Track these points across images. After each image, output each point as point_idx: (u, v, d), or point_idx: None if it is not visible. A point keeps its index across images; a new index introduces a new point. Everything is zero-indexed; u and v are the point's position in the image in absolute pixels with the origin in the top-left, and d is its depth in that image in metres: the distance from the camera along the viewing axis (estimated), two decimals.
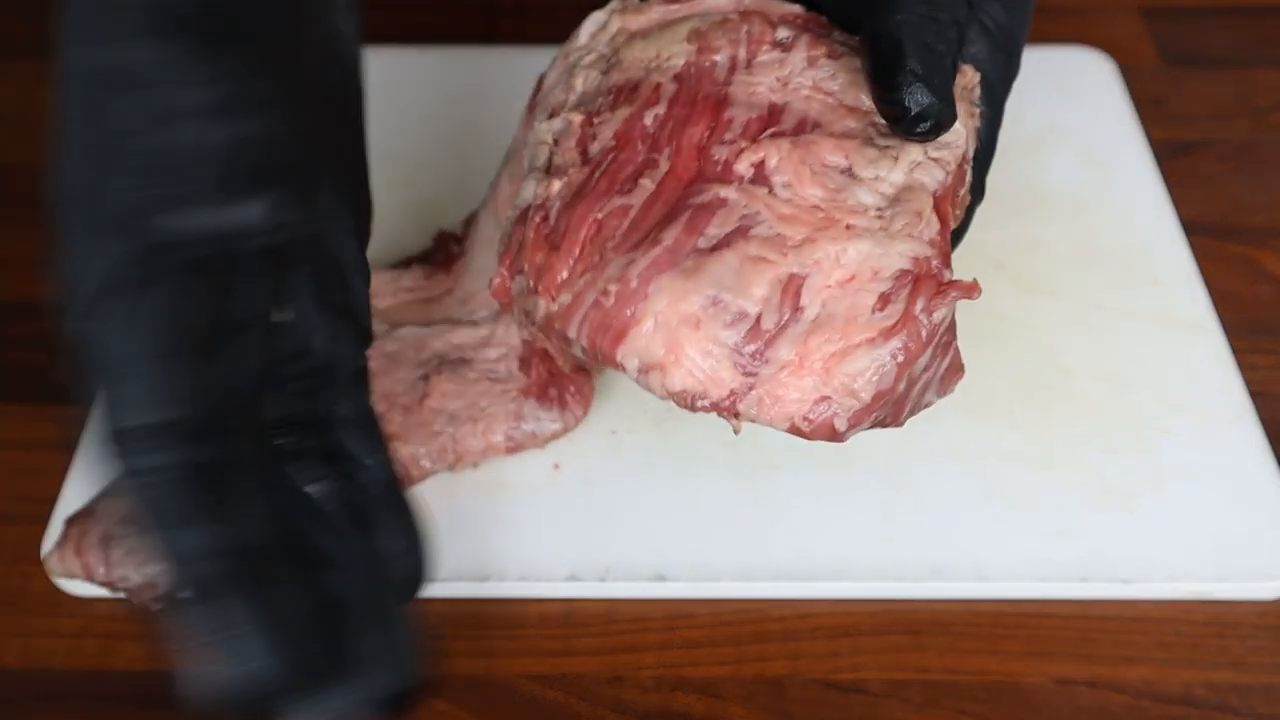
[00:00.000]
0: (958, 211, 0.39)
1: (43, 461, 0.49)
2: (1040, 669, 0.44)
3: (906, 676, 0.43)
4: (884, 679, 0.43)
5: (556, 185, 0.37)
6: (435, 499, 0.47)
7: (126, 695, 0.43)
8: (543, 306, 0.35)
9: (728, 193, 0.36)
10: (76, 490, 0.47)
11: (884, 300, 0.34)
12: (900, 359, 0.34)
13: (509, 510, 0.47)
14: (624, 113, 0.38)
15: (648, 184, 0.36)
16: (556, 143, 0.38)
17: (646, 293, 0.34)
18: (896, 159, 0.37)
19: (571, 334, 0.35)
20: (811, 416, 0.34)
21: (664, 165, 0.37)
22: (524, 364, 0.47)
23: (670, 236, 0.35)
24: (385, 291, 0.50)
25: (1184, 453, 0.48)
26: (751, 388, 0.34)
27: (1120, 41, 0.67)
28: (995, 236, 0.56)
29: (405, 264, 0.51)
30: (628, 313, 0.34)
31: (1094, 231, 0.57)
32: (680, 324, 0.34)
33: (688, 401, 0.34)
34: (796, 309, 0.34)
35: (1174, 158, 0.61)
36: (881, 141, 0.37)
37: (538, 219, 0.36)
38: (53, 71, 0.32)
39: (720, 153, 0.37)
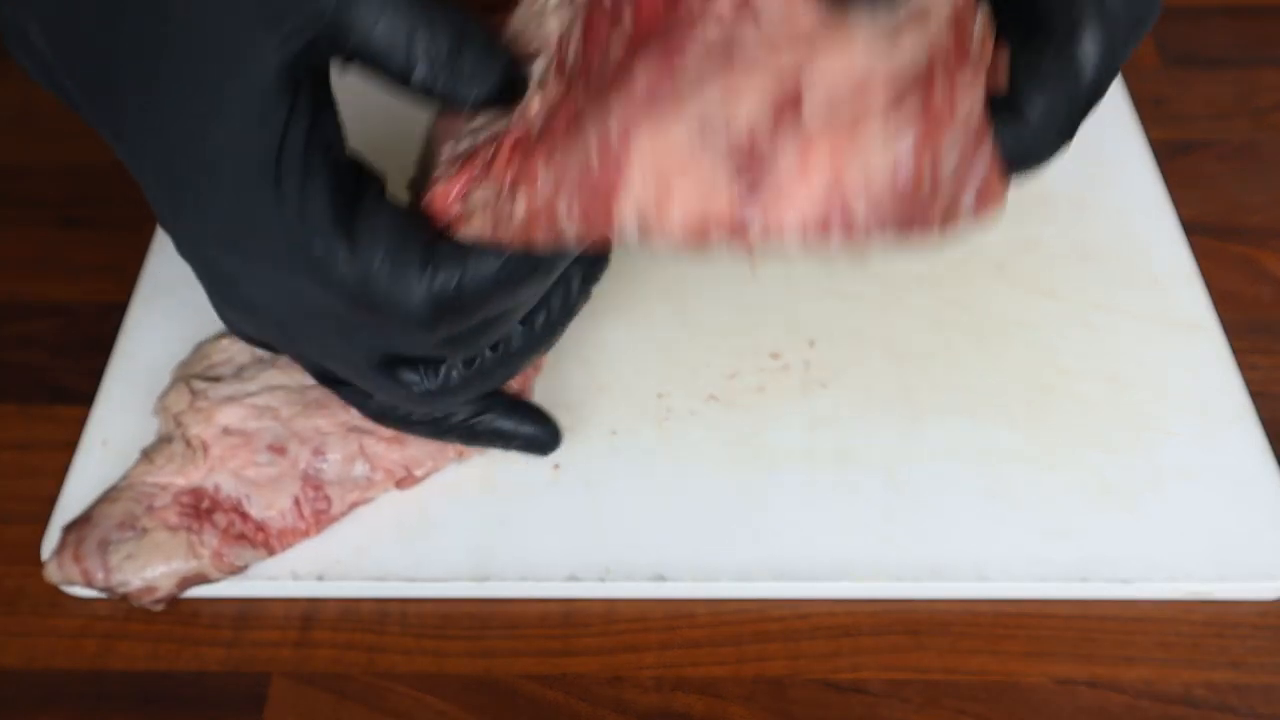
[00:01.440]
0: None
1: (43, 461, 0.49)
2: (1040, 669, 0.44)
3: (906, 676, 0.43)
4: (884, 679, 0.43)
5: (535, 104, 0.34)
6: (435, 499, 0.47)
7: (126, 695, 0.43)
8: (523, 202, 0.32)
9: (706, 22, 0.31)
10: (76, 491, 0.47)
11: (898, 97, 0.30)
12: (920, 146, 0.30)
13: (509, 510, 0.47)
14: (586, 12, 0.35)
15: (617, 40, 0.32)
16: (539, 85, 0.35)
17: (629, 142, 0.30)
18: None
19: (561, 213, 0.31)
20: (827, 219, 0.30)
21: (629, 20, 0.33)
22: None
23: (644, 75, 0.31)
24: None
25: (1184, 453, 0.48)
26: (755, 195, 0.30)
27: None
28: (995, 236, 0.56)
29: None
30: (613, 172, 0.30)
31: (1094, 231, 0.57)
32: (668, 160, 0.30)
33: (690, 235, 0.30)
34: (796, 121, 0.30)
35: (1174, 158, 0.61)
36: None
37: (516, 133, 0.33)
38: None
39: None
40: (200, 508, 0.45)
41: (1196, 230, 0.57)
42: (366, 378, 0.40)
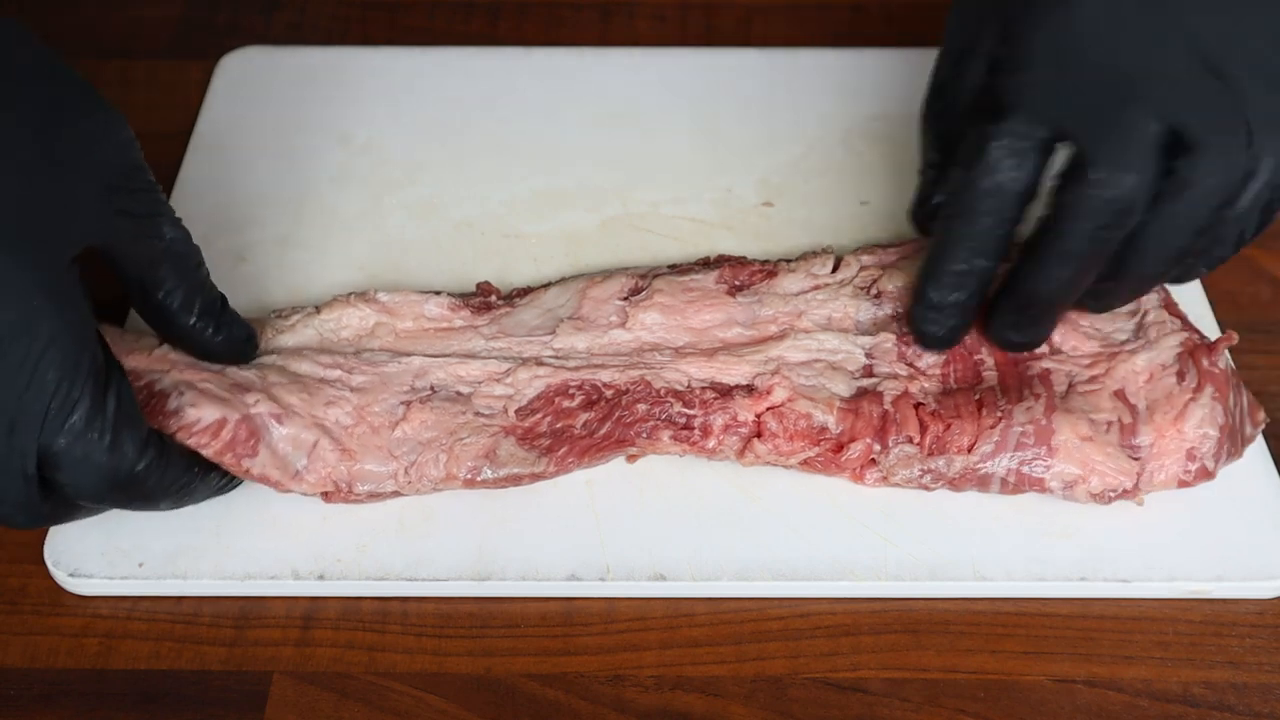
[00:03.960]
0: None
1: None
2: (1039, 668, 0.44)
3: (906, 675, 0.44)
4: (883, 678, 0.43)
5: (918, 383, 0.48)
6: (436, 499, 0.47)
7: (128, 694, 0.43)
8: (959, 462, 0.46)
9: (1044, 363, 0.48)
10: None
11: (1180, 375, 0.47)
12: (1217, 399, 0.46)
13: (509, 510, 0.47)
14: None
15: (989, 375, 0.48)
16: (868, 355, 0.49)
17: (1053, 427, 0.46)
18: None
19: (993, 470, 0.46)
20: (1190, 468, 0.46)
21: (989, 361, 0.49)
22: (523, 411, 0.47)
23: (1043, 392, 0.47)
24: (407, 314, 0.50)
25: None
26: (1142, 470, 0.46)
27: None
28: None
29: (433, 293, 0.51)
30: (1043, 447, 0.46)
31: None
32: (1083, 443, 0.45)
33: (1107, 498, 0.46)
34: (1132, 408, 0.47)
35: None
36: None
37: (912, 405, 0.47)
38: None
39: None
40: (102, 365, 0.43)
41: None
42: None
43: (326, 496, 0.46)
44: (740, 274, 0.51)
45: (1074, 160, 0.41)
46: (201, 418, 0.44)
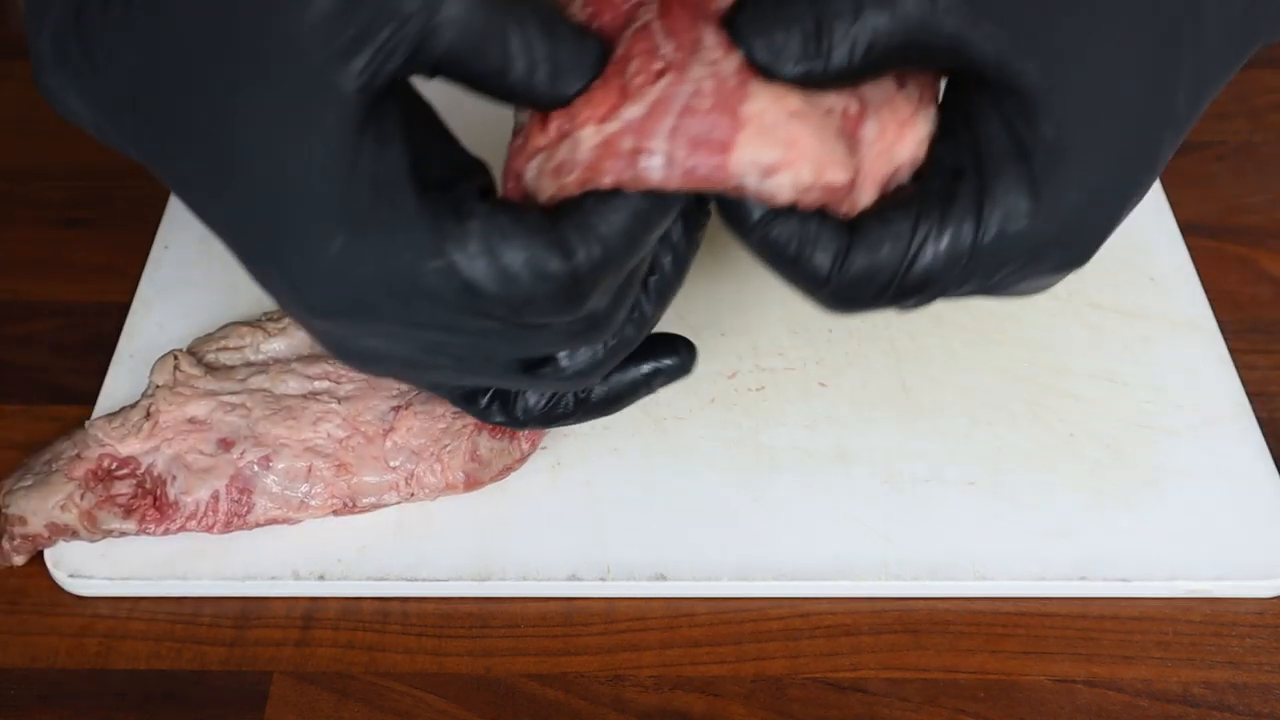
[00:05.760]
0: None
1: None
2: (1039, 668, 0.44)
3: (906, 675, 0.44)
4: (883, 678, 0.43)
5: None
6: (436, 499, 0.47)
7: (126, 695, 0.43)
8: (589, 136, 0.33)
9: None
10: None
11: (901, 79, 0.35)
12: (936, 120, 0.35)
13: (509, 510, 0.47)
14: None
15: (647, 7, 0.34)
16: None
17: (746, 90, 0.32)
18: None
19: (655, 145, 0.32)
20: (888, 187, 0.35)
21: None
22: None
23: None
24: None
25: (1183, 453, 0.49)
26: (859, 169, 0.34)
27: None
28: None
29: None
30: (728, 118, 0.32)
31: None
32: (791, 118, 0.32)
33: (814, 195, 0.33)
34: (862, 97, 0.34)
35: (1172, 157, 0.61)
36: None
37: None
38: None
39: None
40: (107, 469, 0.46)
41: (1195, 230, 0.57)
42: (513, 382, 0.38)
43: (337, 512, 0.46)
44: None
45: None
46: (198, 500, 0.45)
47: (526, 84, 0.33)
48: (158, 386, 0.47)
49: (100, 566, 0.45)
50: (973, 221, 0.33)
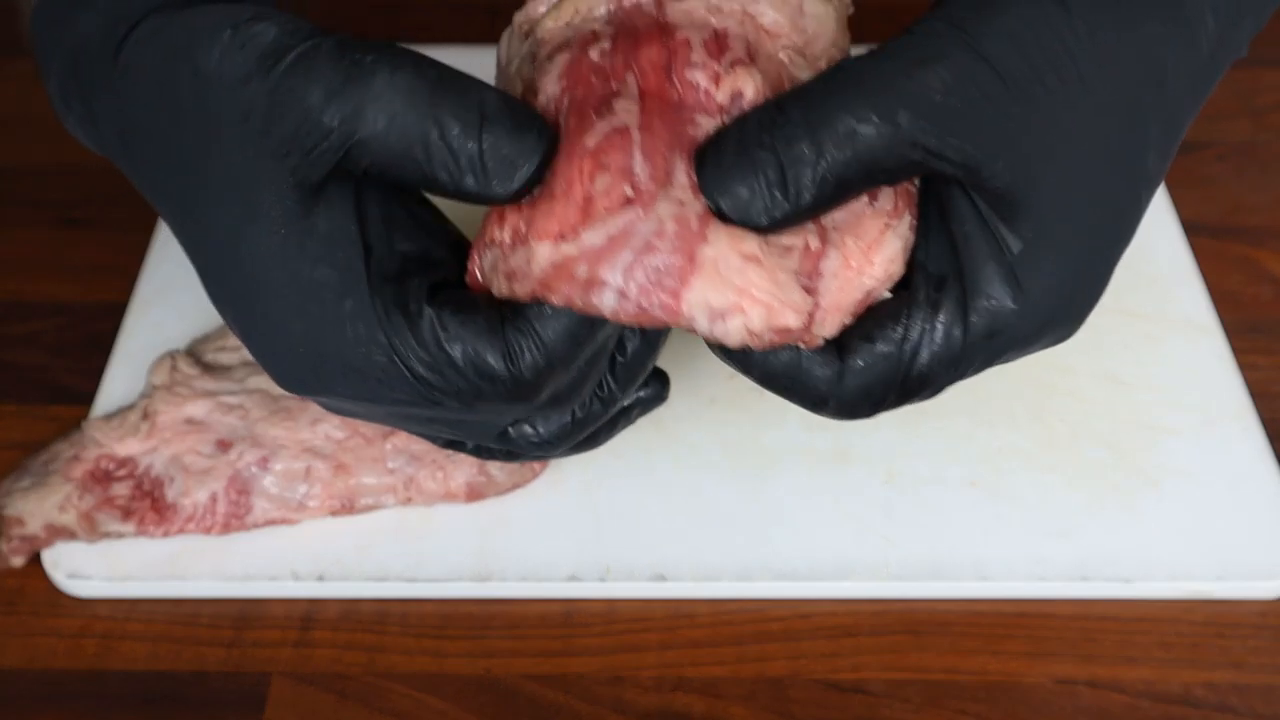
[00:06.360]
0: None
1: None
2: (1040, 669, 0.44)
3: (907, 676, 0.43)
4: (884, 679, 0.43)
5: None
6: (434, 505, 0.47)
7: (126, 695, 0.43)
8: (544, 253, 0.32)
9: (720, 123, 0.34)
10: None
11: (873, 195, 0.34)
12: (913, 228, 0.34)
13: (509, 511, 0.47)
14: (562, 57, 0.35)
15: (626, 106, 0.33)
16: None
17: (704, 234, 0.32)
18: None
19: (610, 278, 0.31)
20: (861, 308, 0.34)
21: (633, 87, 0.34)
22: None
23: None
24: None
25: (1184, 453, 0.48)
26: (816, 307, 0.33)
27: None
28: None
29: None
30: (684, 260, 0.31)
31: None
32: (746, 264, 0.32)
33: (766, 339, 0.33)
34: (823, 229, 0.33)
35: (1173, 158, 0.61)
36: (806, 73, 0.36)
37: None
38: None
39: (697, 77, 0.34)
40: (105, 471, 0.46)
41: (1196, 230, 0.57)
42: (485, 448, 0.38)
43: (335, 513, 0.46)
44: None
45: None
46: (196, 502, 0.45)
47: (456, 189, 0.33)
48: (155, 387, 0.47)
49: (99, 567, 0.45)
50: (960, 326, 0.33)
